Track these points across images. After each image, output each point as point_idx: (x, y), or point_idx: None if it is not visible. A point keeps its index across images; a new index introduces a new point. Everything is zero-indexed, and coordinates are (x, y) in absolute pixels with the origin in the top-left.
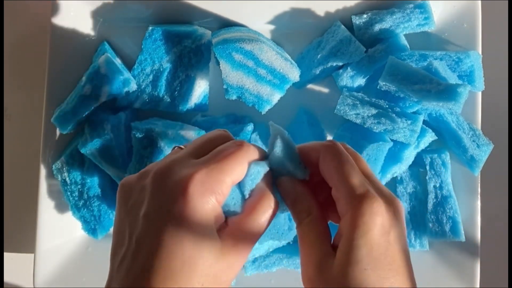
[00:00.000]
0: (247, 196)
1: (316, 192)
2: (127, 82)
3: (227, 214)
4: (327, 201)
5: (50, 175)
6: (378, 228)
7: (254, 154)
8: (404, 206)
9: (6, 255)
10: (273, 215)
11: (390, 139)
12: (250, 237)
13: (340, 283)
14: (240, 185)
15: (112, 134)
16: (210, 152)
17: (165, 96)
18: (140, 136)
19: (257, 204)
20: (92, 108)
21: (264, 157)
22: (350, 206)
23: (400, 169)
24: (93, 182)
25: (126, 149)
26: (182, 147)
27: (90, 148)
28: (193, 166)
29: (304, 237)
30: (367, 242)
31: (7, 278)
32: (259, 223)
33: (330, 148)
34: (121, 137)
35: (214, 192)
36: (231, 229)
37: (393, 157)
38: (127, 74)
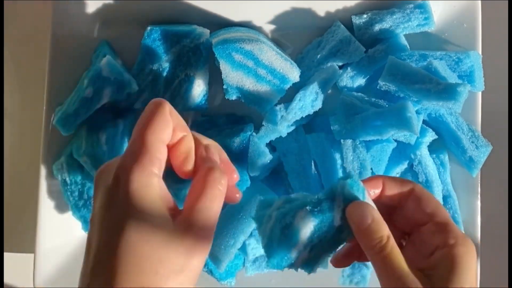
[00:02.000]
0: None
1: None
2: (129, 84)
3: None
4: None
5: (50, 175)
6: (474, 269)
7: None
8: None
9: (6, 255)
10: (225, 192)
11: (393, 139)
12: (206, 217)
13: None
14: None
15: (106, 146)
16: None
17: (165, 96)
18: None
19: (208, 177)
20: (94, 110)
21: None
22: (454, 241)
23: (402, 170)
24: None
25: None
26: None
27: (83, 155)
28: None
29: (387, 264)
30: (466, 280)
31: (7, 278)
32: (212, 197)
33: (424, 190)
34: (116, 148)
35: (145, 168)
36: (185, 211)
37: (396, 157)
38: (128, 76)
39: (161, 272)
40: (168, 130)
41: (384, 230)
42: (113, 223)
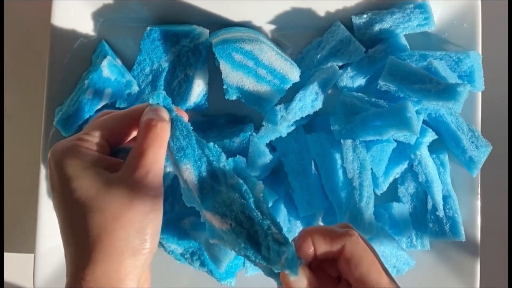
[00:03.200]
0: None
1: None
2: (129, 85)
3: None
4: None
5: None
6: None
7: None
8: (405, 206)
9: (6, 255)
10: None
11: (393, 139)
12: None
13: None
14: None
15: None
16: None
17: None
18: None
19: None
20: (94, 111)
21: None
22: None
23: (402, 170)
24: None
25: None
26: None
27: None
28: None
29: None
30: None
31: (7, 278)
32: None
33: (357, 242)
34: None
35: (76, 145)
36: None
37: (396, 157)
38: (129, 77)
39: (128, 246)
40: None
41: None
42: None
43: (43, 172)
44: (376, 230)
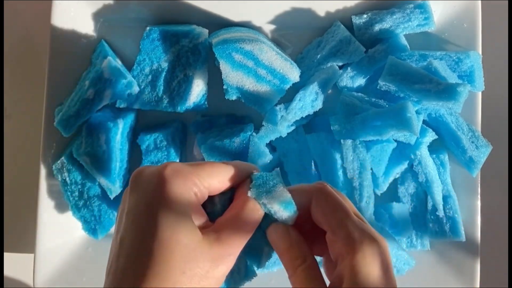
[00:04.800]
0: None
1: (306, 235)
2: (130, 85)
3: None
4: (310, 238)
5: (50, 175)
6: (379, 268)
7: (235, 171)
8: (405, 206)
9: (6, 255)
10: (258, 219)
11: (393, 139)
12: (234, 234)
13: None
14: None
15: (105, 146)
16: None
17: (164, 96)
18: None
19: (243, 205)
20: (95, 111)
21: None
22: (350, 249)
23: (402, 170)
24: (93, 182)
25: (123, 158)
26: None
27: (83, 154)
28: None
29: (301, 284)
30: (372, 284)
31: (7, 278)
32: (243, 220)
33: (322, 192)
34: (114, 149)
35: (189, 179)
36: (215, 226)
37: (396, 157)
38: (129, 77)
39: (188, 273)
40: (221, 184)
41: (299, 253)
42: (148, 220)
43: (43, 172)
44: (376, 230)
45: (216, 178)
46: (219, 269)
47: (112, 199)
